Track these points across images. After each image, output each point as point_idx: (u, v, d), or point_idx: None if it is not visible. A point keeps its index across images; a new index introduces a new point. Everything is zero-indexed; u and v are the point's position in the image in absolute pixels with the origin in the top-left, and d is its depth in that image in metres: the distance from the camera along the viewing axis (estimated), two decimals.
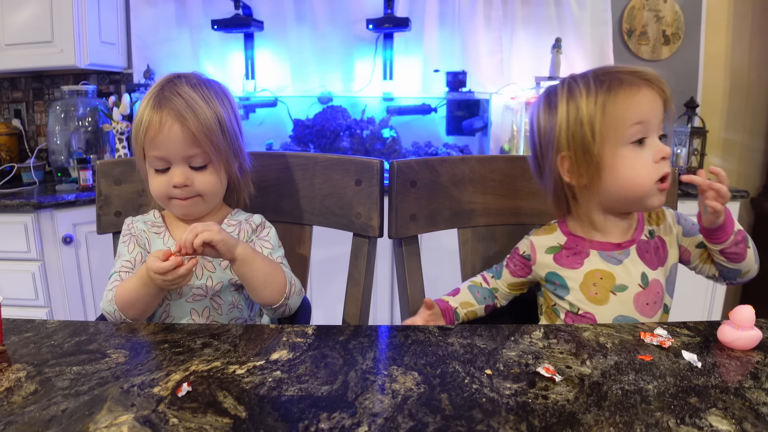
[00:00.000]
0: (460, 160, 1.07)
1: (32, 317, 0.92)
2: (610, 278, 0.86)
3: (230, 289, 0.93)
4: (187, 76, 0.90)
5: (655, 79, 0.82)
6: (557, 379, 0.60)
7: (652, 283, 0.86)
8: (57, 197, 1.92)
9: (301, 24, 2.42)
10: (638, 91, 0.81)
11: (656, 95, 0.82)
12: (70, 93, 2.23)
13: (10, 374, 0.62)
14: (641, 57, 2.46)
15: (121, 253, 0.95)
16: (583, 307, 0.88)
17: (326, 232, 1.09)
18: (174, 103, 0.85)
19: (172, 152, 0.86)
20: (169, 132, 0.85)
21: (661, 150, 0.82)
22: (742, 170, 2.57)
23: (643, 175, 0.81)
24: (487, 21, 2.38)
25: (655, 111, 0.82)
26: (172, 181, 0.87)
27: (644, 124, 0.81)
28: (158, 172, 0.89)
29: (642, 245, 0.88)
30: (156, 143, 0.86)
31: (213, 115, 0.86)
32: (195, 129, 0.85)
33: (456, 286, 1.01)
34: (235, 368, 0.63)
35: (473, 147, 2.46)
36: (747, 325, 0.68)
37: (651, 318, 0.87)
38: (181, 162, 0.87)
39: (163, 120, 0.84)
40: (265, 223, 0.98)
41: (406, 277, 1.03)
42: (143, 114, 0.86)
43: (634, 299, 0.86)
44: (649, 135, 0.82)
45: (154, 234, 0.95)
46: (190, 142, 0.86)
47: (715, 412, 0.54)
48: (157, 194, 0.90)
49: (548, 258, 0.92)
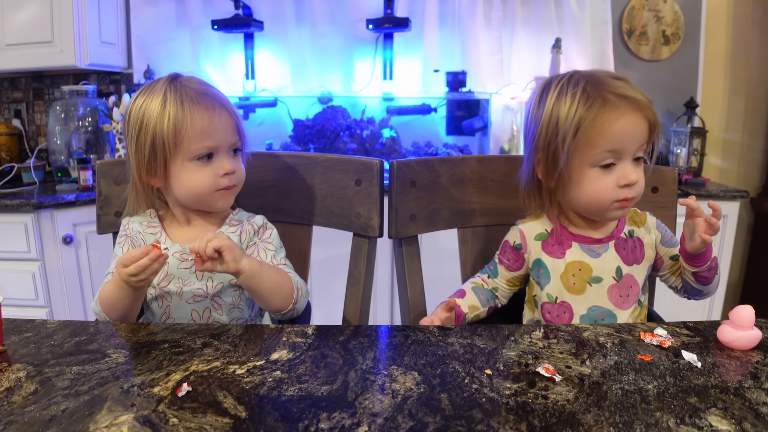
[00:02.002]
0: (460, 160, 1.07)
1: (32, 317, 0.92)
2: (587, 270, 0.90)
3: (230, 289, 0.92)
4: (188, 77, 0.90)
5: (644, 105, 0.81)
6: (557, 379, 0.60)
7: (625, 277, 0.90)
8: (57, 197, 1.92)
9: (301, 24, 2.42)
10: (618, 119, 0.80)
11: (640, 120, 0.82)
12: (70, 93, 2.23)
13: (10, 374, 0.62)
14: (641, 57, 2.46)
15: (116, 254, 0.95)
16: (561, 296, 0.91)
17: (326, 232, 1.09)
18: (211, 94, 0.87)
19: (222, 140, 0.88)
20: (220, 120, 0.87)
21: (625, 177, 0.82)
22: (742, 170, 2.57)
23: (604, 195, 0.84)
24: (487, 21, 2.38)
25: (633, 137, 0.82)
26: (223, 169, 0.88)
27: (616, 152, 0.82)
28: (202, 165, 0.87)
29: (620, 242, 0.91)
30: (206, 134, 0.86)
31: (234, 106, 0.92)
32: (235, 116, 0.90)
33: (456, 286, 1.01)
34: (235, 368, 0.63)
35: (473, 147, 2.46)
36: (747, 325, 0.68)
37: (624, 310, 0.90)
38: (226, 150, 0.89)
39: (210, 109, 0.86)
40: (267, 224, 0.98)
41: (406, 277, 1.03)
42: (170, 112, 0.84)
43: (608, 291, 0.89)
44: (619, 161, 0.83)
45: (150, 234, 0.94)
46: (233, 129, 0.90)
47: (715, 412, 0.54)
48: (202, 188, 0.88)
49: (537, 245, 0.94)
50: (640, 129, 0.82)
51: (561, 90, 0.84)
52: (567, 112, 0.82)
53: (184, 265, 0.91)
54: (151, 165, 0.87)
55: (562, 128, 0.82)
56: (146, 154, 0.86)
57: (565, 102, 0.82)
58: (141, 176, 0.89)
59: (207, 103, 0.86)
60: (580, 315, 0.90)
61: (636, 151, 0.83)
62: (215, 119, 0.86)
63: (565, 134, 0.82)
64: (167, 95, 0.85)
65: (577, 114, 0.81)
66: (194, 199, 0.90)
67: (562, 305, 0.91)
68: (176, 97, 0.85)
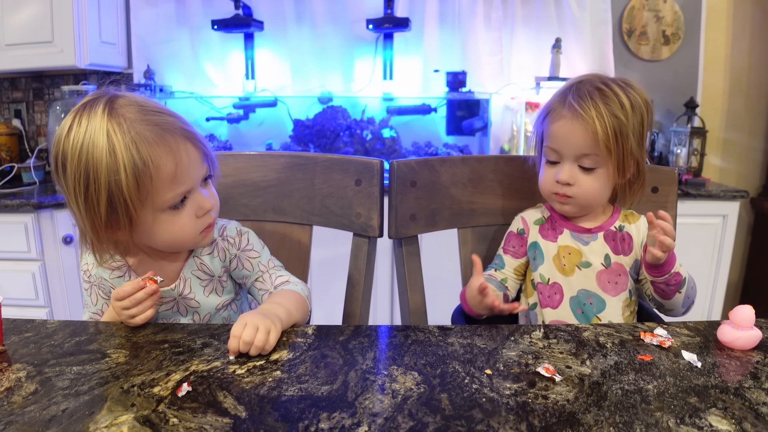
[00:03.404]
0: (460, 160, 1.07)
1: (32, 317, 0.92)
2: (577, 254, 0.96)
3: (218, 314, 0.89)
4: (126, 100, 0.75)
5: (586, 119, 0.88)
6: (557, 379, 0.60)
7: (614, 265, 0.95)
8: (57, 197, 1.92)
9: (301, 24, 2.42)
10: (557, 120, 0.92)
11: (578, 129, 0.89)
12: (70, 93, 2.23)
13: (11, 374, 0.62)
14: (641, 57, 2.46)
15: (87, 303, 0.88)
16: (553, 277, 0.96)
17: (326, 232, 1.09)
18: (167, 126, 0.74)
19: (194, 178, 0.77)
20: (188, 158, 0.75)
21: (557, 174, 0.93)
22: (742, 170, 2.57)
23: (545, 185, 0.96)
24: (487, 21, 2.38)
25: (569, 143, 0.90)
26: (202, 209, 0.79)
27: (556, 151, 0.93)
28: (177, 212, 0.76)
29: (609, 233, 0.97)
30: (177, 179, 0.74)
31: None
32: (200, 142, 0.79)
33: (456, 285, 1.01)
34: (235, 368, 0.63)
35: (473, 147, 2.46)
36: (747, 325, 0.68)
37: (613, 297, 0.94)
38: (198, 185, 0.79)
39: (174, 149, 0.73)
40: (241, 230, 0.90)
41: (406, 277, 1.03)
42: (125, 163, 0.69)
43: (597, 276, 0.95)
44: (561, 161, 0.93)
45: (118, 278, 0.84)
46: (200, 159, 0.79)
47: (715, 412, 0.54)
48: (184, 236, 0.78)
49: (535, 229, 1.01)
50: (577, 136, 0.89)
51: (559, 89, 0.96)
52: (546, 106, 0.96)
53: (165, 307, 0.85)
54: (111, 220, 0.72)
55: (539, 116, 0.97)
56: (103, 212, 0.70)
57: (553, 98, 0.96)
58: (99, 235, 0.74)
59: (168, 141, 0.72)
60: (570, 296, 0.94)
61: (578, 157, 0.91)
62: (183, 159, 0.73)
63: (539, 123, 0.97)
64: (112, 137, 0.68)
65: (547, 109, 0.95)
66: (175, 246, 0.80)
67: (553, 286, 0.96)
68: (126, 141, 0.68)
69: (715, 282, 2.17)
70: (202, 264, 0.86)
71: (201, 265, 0.86)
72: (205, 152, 0.79)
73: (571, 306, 0.94)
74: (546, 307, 0.96)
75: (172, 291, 0.84)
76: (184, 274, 0.85)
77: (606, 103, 0.87)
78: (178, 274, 0.85)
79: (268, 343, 0.67)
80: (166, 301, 0.85)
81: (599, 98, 0.88)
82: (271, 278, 0.89)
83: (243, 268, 0.89)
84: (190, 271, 0.86)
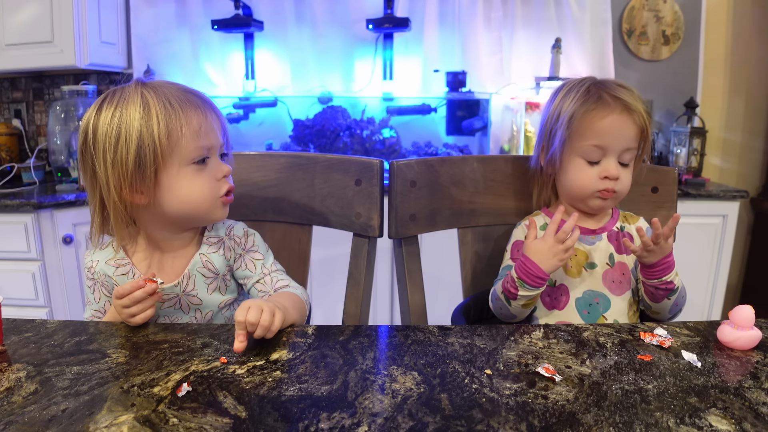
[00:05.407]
0: (460, 160, 1.07)
1: (32, 317, 0.92)
2: (583, 256, 0.97)
3: (221, 313, 0.90)
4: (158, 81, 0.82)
5: (635, 110, 0.90)
6: (557, 379, 0.60)
7: (617, 264, 0.96)
8: (57, 197, 1.92)
9: (301, 24, 2.42)
10: (606, 116, 0.89)
11: (627, 121, 0.90)
12: (70, 93, 2.23)
13: (10, 374, 0.62)
14: (641, 57, 2.46)
15: (89, 300, 0.89)
16: (559, 279, 0.96)
17: (326, 232, 1.09)
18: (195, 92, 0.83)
19: (216, 140, 0.82)
20: (212, 118, 0.82)
21: (606, 170, 0.91)
22: (742, 170, 2.57)
23: (586, 183, 0.93)
24: (487, 21, 2.38)
25: (619, 136, 0.90)
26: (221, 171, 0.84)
27: (602, 148, 0.91)
28: (198, 171, 0.80)
29: (612, 234, 0.99)
30: (203, 133, 0.79)
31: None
32: (221, 116, 0.85)
33: (456, 286, 1.02)
34: (235, 368, 0.63)
35: (473, 147, 2.46)
36: (747, 325, 0.68)
37: (618, 296, 0.95)
38: (217, 154, 0.84)
39: (201, 107, 0.80)
40: (248, 231, 0.92)
41: (406, 277, 1.03)
42: (158, 115, 0.75)
43: (602, 276, 0.95)
44: (604, 158, 0.91)
45: (121, 276, 0.85)
46: (221, 130, 0.84)
47: (714, 412, 0.54)
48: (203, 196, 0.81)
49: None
50: (627, 130, 0.90)
51: (570, 89, 0.95)
52: (567, 105, 0.93)
53: (167, 304, 0.86)
54: (135, 180, 0.76)
55: (560, 119, 0.93)
56: (129, 169, 0.74)
57: (569, 98, 0.93)
58: (122, 195, 0.77)
59: (196, 101, 0.80)
60: (576, 298, 0.94)
61: (622, 151, 0.91)
62: (209, 118, 0.80)
63: (562, 124, 0.93)
64: (147, 99, 0.76)
65: (573, 107, 0.91)
66: (191, 211, 0.81)
67: (560, 288, 0.96)
68: (160, 99, 0.76)
69: (715, 282, 2.17)
70: (208, 261, 0.87)
71: (207, 262, 0.87)
72: (224, 127, 0.85)
73: (577, 307, 0.94)
74: (552, 309, 0.95)
75: (175, 287, 0.85)
76: (188, 271, 0.86)
77: (638, 99, 0.91)
78: (183, 271, 0.86)
79: (273, 324, 0.68)
80: (169, 297, 0.86)
81: (630, 90, 0.91)
82: (272, 281, 0.89)
83: (246, 269, 0.90)
84: (195, 268, 0.86)
